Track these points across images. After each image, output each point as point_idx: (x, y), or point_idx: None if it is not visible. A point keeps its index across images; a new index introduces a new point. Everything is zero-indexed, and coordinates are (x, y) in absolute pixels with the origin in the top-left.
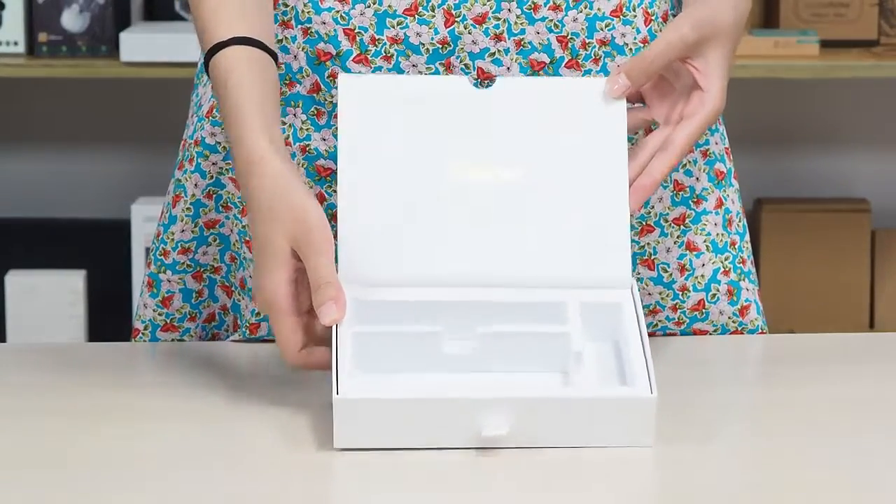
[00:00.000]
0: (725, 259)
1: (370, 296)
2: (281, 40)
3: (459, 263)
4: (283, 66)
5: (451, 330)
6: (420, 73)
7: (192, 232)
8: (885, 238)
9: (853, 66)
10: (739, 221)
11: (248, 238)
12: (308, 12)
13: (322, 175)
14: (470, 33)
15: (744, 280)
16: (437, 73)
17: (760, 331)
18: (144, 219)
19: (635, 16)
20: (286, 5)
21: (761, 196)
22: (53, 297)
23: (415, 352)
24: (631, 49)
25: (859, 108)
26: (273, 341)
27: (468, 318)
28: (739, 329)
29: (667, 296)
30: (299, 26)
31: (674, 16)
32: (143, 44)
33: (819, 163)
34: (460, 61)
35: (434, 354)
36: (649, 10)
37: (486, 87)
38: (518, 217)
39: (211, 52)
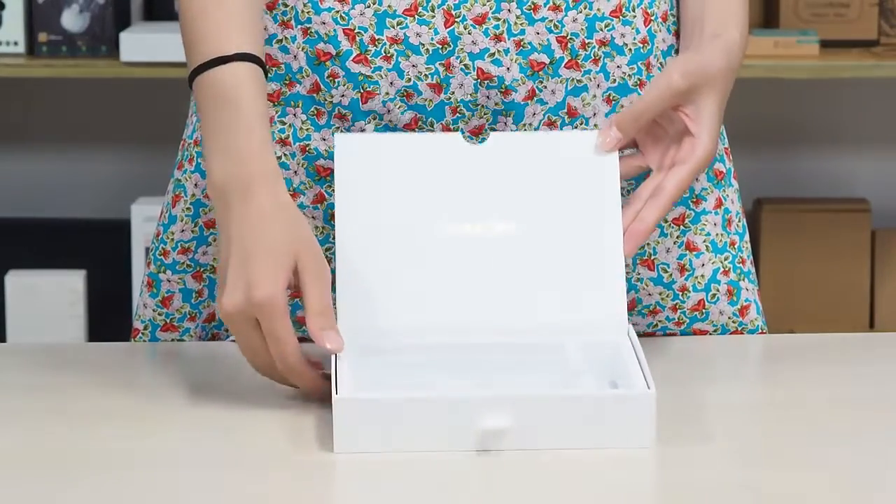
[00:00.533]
0: (725, 259)
1: (368, 341)
2: (281, 40)
3: (457, 315)
4: (283, 66)
5: (450, 361)
6: (420, 74)
7: (192, 232)
8: (885, 238)
9: (853, 66)
10: (739, 221)
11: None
12: (308, 12)
13: (322, 175)
14: (470, 34)
15: (743, 280)
16: (436, 73)
17: (760, 331)
18: (144, 219)
19: (635, 16)
20: (286, 5)
21: (761, 196)
22: (53, 297)
23: (413, 379)
24: (630, 49)
25: (859, 108)
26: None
27: (467, 353)
28: (739, 329)
29: (667, 296)
30: (299, 26)
31: (673, 15)
32: (143, 44)
33: (819, 163)
34: (460, 62)
35: (433, 381)
36: (649, 11)
37: (481, 141)
38: (514, 268)
39: (211, 63)
